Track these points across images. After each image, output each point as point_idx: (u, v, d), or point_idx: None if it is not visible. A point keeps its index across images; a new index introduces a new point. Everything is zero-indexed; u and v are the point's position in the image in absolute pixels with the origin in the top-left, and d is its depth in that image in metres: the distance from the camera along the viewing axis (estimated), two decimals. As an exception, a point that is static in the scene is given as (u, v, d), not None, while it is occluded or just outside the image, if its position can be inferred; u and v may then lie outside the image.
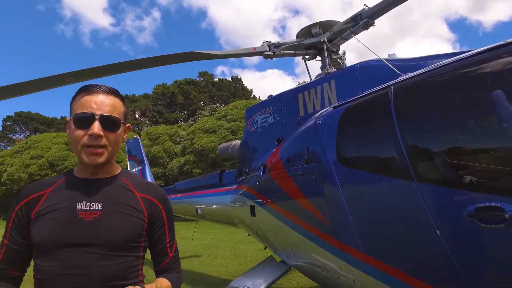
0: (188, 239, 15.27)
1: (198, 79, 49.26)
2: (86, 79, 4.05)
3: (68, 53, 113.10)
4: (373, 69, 3.28)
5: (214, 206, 5.54)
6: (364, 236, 2.48)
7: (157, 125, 36.81)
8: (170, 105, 48.52)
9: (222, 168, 6.31)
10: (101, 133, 1.33)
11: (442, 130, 2.13)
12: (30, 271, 1.45)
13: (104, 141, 1.35)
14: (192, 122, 32.39)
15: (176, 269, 1.59)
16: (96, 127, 1.32)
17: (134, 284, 1.31)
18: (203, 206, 5.94)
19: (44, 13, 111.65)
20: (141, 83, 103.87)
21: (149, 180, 9.08)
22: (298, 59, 4.67)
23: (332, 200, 2.68)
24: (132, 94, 50.73)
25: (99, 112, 1.34)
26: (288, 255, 3.69)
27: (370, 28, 3.71)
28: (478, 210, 1.78)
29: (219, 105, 41.02)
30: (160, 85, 48.42)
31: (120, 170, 1.52)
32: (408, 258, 2.26)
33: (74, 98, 1.42)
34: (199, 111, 36.32)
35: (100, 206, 1.35)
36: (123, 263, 1.34)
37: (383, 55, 3.34)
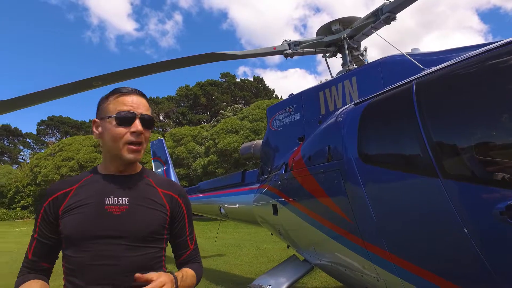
0: (212, 238, 15.46)
1: (220, 80, 49.80)
2: (112, 82, 4.19)
3: (95, 59, 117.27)
4: (396, 64, 3.20)
5: (237, 205, 5.59)
6: (387, 234, 2.43)
7: (181, 127, 37.44)
8: (193, 107, 49.28)
9: (245, 168, 6.35)
10: (142, 130, 1.43)
11: (467, 125, 2.05)
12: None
13: (142, 138, 1.44)
14: (215, 123, 32.74)
15: (197, 260, 1.66)
16: (139, 124, 1.42)
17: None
18: (226, 206, 6.00)
19: (73, 22, 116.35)
20: (164, 86, 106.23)
21: (173, 180, 9.26)
22: (320, 57, 4.65)
23: (354, 198, 2.64)
24: (156, 97, 51.91)
25: (139, 111, 1.44)
26: (311, 254, 3.67)
27: (392, 22, 3.63)
28: (510, 207, 1.71)
29: (241, 105, 41.25)
30: (183, 87, 49.27)
31: (141, 168, 1.59)
32: (434, 257, 2.20)
33: (106, 99, 1.49)
34: (221, 111, 36.66)
35: (127, 201, 1.42)
36: (148, 254, 1.41)
37: (408, 50, 3.27)
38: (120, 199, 1.41)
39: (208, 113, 49.80)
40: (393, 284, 2.49)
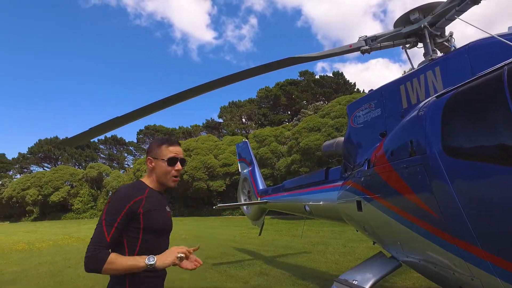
0: (298, 236, 15.66)
1: (299, 78, 49.78)
2: (201, 93, 4.68)
3: (180, 70, 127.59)
4: (486, 49, 2.97)
5: (321, 203, 5.68)
6: (480, 230, 2.31)
7: (263, 128, 38.51)
8: (274, 107, 50.20)
9: (328, 165, 6.38)
10: (181, 168, 2.32)
11: None
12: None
13: (179, 172, 2.34)
14: (296, 122, 32.91)
15: None
16: (179, 165, 2.31)
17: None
18: (310, 203, 6.13)
19: (160, 39, 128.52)
20: (245, 89, 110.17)
21: (258, 180, 9.70)
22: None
23: (441, 192, 2.56)
24: (238, 100, 54.23)
25: (180, 156, 2.33)
26: (398, 251, 3.60)
27: (482, 2, 3.33)
28: None
29: (322, 102, 40.65)
30: (263, 88, 50.55)
31: None
32: None
33: (159, 146, 2.32)
34: (302, 110, 36.67)
35: (169, 209, 2.35)
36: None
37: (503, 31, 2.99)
38: (168, 208, 2.33)
39: (289, 112, 50.20)
40: (490, 284, 2.36)
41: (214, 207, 9.46)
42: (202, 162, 36.43)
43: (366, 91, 4.81)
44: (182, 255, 2.03)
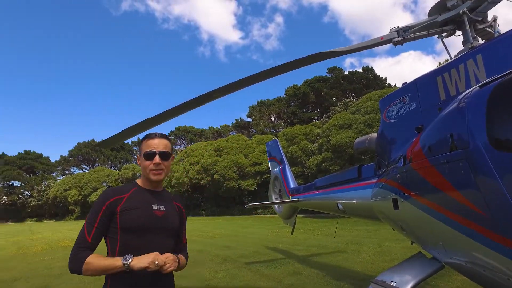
0: (331, 235, 15.40)
1: (327, 75, 48.96)
2: (230, 92, 4.68)
3: (208, 71, 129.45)
4: None
5: (355, 201, 5.52)
6: None
7: (292, 126, 38.24)
8: (303, 105, 49.73)
9: (361, 163, 6.20)
10: (160, 161, 2.19)
11: None
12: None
13: (161, 166, 2.20)
14: (326, 119, 32.38)
15: (186, 251, 2.46)
16: (157, 158, 2.19)
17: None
18: (343, 201, 5.98)
19: (188, 41, 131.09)
20: (273, 87, 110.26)
21: (289, 178, 9.61)
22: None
23: (487, 189, 2.38)
24: (267, 99, 54.21)
25: (158, 149, 2.20)
26: (439, 252, 3.39)
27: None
28: None
29: (352, 98, 39.75)
30: (291, 86, 50.19)
31: (163, 187, 2.39)
32: None
33: (141, 142, 2.30)
34: (332, 107, 36.04)
35: (163, 208, 2.20)
36: (173, 242, 2.26)
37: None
38: (160, 207, 2.19)
39: (318, 110, 49.54)
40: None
41: (245, 206, 9.51)
42: (232, 161, 36.75)
43: (398, 85, 4.61)
44: (157, 262, 1.90)
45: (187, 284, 7.91)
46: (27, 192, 67.76)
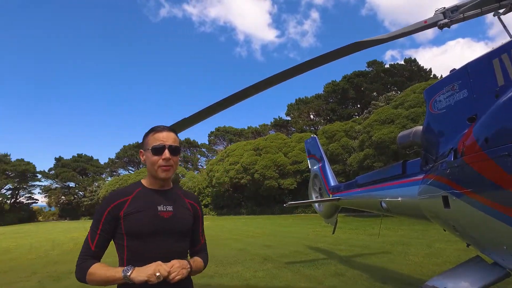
0: (374, 235, 14.78)
1: (367, 69, 47.25)
2: (261, 90, 4.57)
3: (246, 71, 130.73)
4: None
5: (399, 199, 5.17)
6: None
7: (332, 123, 37.37)
8: (342, 101, 48.45)
9: (405, 159, 5.79)
10: (170, 156, 1.97)
11: None
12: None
13: (171, 162, 1.99)
14: (367, 115, 31.27)
15: (205, 251, 2.27)
16: (167, 153, 1.97)
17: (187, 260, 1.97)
18: (387, 199, 5.64)
19: (225, 43, 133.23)
20: (311, 84, 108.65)
21: (329, 176, 9.30)
22: (491, 18, 3.79)
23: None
24: (305, 97, 53.47)
25: (168, 143, 1.98)
26: (504, 257, 2.99)
27: None
28: None
29: (393, 92, 38.03)
30: (330, 83, 49.08)
31: (172, 185, 2.14)
32: None
33: (147, 135, 2.06)
34: (373, 102, 34.71)
35: (171, 208, 1.99)
36: (185, 245, 2.05)
37: None
38: (167, 207, 1.97)
39: (358, 105, 48.00)
40: None
41: (284, 205, 9.33)
42: (272, 160, 36.68)
43: (445, 76, 4.20)
44: (159, 274, 1.72)
45: (226, 283, 7.92)
46: (80, 192, 72.46)
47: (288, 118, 55.20)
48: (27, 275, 9.93)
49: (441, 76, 38.57)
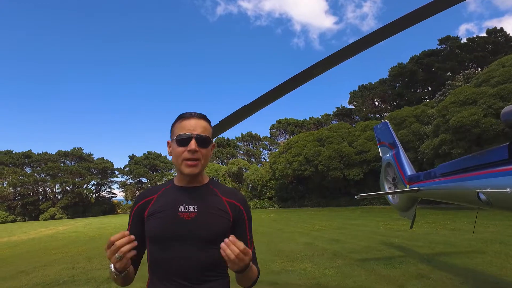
0: (457, 230, 13.15)
1: (438, 47, 42.85)
2: (330, 67, 3.93)
3: (304, 61, 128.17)
4: None
5: (508, 190, 4.16)
6: None
7: (400, 109, 34.63)
8: (410, 85, 44.73)
9: (510, 141, 4.68)
10: (197, 148, 1.64)
11: None
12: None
13: (198, 155, 1.66)
14: (442, 97, 28.27)
15: (255, 261, 1.78)
16: (193, 144, 1.64)
17: (222, 276, 1.68)
18: (488, 190, 4.61)
19: (281, 35, 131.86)
20: (375, 69, 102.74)
21: (405, 164, 8.26)
22: None
23: None
24: (368, 83, 50.59)
25: (195, 132, 1.66)
26: None
27: None
28: None
29: (473, 70, 33.91)
30: (395, 66, 45.60)
31: (208, 180, 1.83)
32: None
33: (173, 124, 1.76)
34: (448, 82, 31.29)
35: (195, 208, 1.66)
36: (214, 254, 1.58)
37: None
38: (190, 207, 1.66)
39: (429, 88, 43.92)
40: None
41: (355, 197, 8.50)
42: (336, 151, 35.25)
43: None
44: (117, 255, 1.42)
45: (294, 280, 7.41)
46: (152, 187, 78.03)
47: (351, 106, 52.64)
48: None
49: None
